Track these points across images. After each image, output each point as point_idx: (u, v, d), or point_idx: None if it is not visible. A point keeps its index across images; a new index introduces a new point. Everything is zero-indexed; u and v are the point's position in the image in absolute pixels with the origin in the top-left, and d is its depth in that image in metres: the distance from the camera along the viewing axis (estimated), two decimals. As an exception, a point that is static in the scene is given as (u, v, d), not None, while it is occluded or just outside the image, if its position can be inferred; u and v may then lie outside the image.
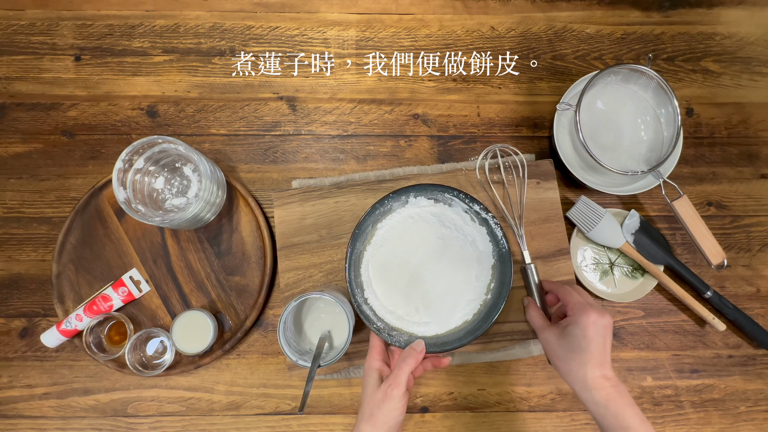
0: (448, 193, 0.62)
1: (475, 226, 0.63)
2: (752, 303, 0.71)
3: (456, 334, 0.61)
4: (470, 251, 0.63)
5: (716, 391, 0.70)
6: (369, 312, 0.60)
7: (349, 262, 0.60)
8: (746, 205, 0.73)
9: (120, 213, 0.69)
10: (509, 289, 0.60)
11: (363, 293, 0.61)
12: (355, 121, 0.74)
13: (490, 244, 0.63)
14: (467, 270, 0.63)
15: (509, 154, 0.69)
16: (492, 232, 0.62)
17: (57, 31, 0.74)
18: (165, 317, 0.68)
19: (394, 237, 0.63)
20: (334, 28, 0.75)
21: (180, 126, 0.73)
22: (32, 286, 0.70)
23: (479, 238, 0.63)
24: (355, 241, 0.61)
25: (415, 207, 0.63)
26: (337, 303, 0.58)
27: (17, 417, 0.68)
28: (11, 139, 0.72)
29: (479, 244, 0.63)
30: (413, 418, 0.68)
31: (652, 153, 0.68)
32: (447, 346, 0.59)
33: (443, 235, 0.63)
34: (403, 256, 0.63)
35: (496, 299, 0.61)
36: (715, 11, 0.76)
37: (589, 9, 0.76)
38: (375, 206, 0.61)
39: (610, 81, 0.69)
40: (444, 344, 0.59)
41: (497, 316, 0.59)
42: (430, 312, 0.61)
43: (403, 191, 0.61)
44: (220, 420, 0.68)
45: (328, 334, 0.62)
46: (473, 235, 0.63)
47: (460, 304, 0.62)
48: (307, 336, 0.63)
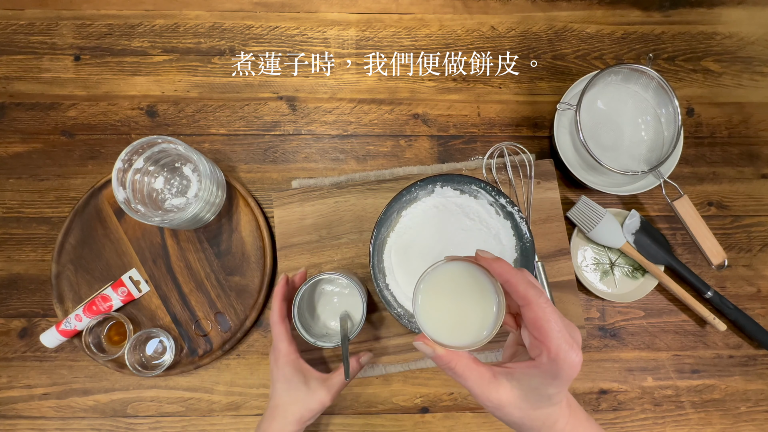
0: (475, 185, 0.63)
1: (499, 220, 0.64)
2: (753, 303, 0.71)
3: None
4: (493, 244, 0.64)
5: (717, 392, 0.69)
6: (390, 297, 0.62)
7: (373, 246, 0.61)
8: (747, 205, 0.73)
9: (119, 213, 0.69)
10: None
11: (384, 278, 0.63)
12: (355, 121, 0.73)
13: (513, 239, 0.63)
14: None
15: (515, 153, 0.69)
16: (517, 226, 0.63)
17: (56, 30, 0.74)
18: (164, 317, 0.68)
19: (418, 225, 0.64)
20: (334, 27, 0.75)
21: (180, 126, 0.73)
22: (31, 286, 0.70)
23: (503, 232, 0.63)
24: (380, 226, 0.62)
25: (440, 197, 0.64)
26: (351, 283, 0.58)
27: (17, 417, 0.68)
28: (10, 139, 0.72)
29: (503, 237, 0.63)
30: (413, 418, 0.68)
31: (653, 153, 0.68)
32: None
33: (467, 227, 0.64)
34: (426, 245, 0.64)
35: None
36: (715, 11, 0.76)
37: (589, 9, 0.76)
38: (402, 193, 0.62)
39: (610, 81, 0.68)
40: None
41: None
42: None
43: (430, 180, 0.62)
44: (219, 420, 0.68)
45: (347, 314, 0.61)
46: (497, 228, 0.63)
47: None
48: (321, 319, 0.62)
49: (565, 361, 0.35)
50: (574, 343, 0.36)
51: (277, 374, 0.56)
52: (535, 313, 0.35)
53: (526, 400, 0.37)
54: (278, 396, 0.56)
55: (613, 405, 0.69)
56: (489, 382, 0.37)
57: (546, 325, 0.35)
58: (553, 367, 0.35)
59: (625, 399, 0.69)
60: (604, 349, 0.70)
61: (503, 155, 0.70)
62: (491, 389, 0.37)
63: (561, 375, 0.36)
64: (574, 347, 0.36)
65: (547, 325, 0.35)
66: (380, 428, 0.68)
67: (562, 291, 0.67)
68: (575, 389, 0.69)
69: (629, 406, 0.69)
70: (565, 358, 0.35)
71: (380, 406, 0.68)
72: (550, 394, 0.37)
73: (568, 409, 0.40)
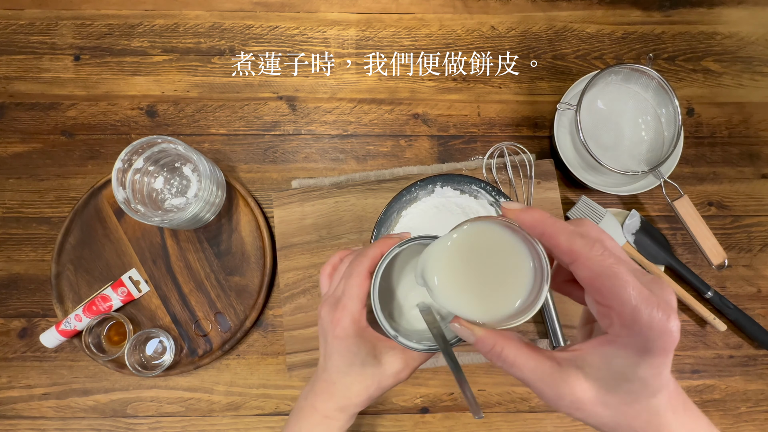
0: (475, 185, 0.62)
1: None
2: (753, 303, 0.71)
3: None
4: None
5: (717, 392, 0.69)
6: None
7: None
8: (747, 205, 0.73)
9: (119, 213, 0.69)
10: None
11: None
12: (355, 120, 0.73)
13: None
14: None
15: (516, 153, 0.69)
16: None
17: (56, 30, 0.74)
18: (164, 317, 0.68)
19: (418, 225, 0.64)
20: (334, 27, 0.75)
21: (179, 126, 0.73)
22: (31, 286, 0.70)
23: None
24: (380, 226, 0.61)
25: (440, 197, 0.64)
26: None
27: (16, 417, 0.68)
28: (10, 139, 0.72)
29: None
30: (413, 418, 0.68)
31: (653, 153, 0.68)
32: None
33: None
34: None
35: None
36: (715, 11, 0.76)
37: (589, 8, 0.76)
38: (402, 193, 0.61)
39: (610, 81, 0.68)
40: None
41: None
42: None
43: (430, 180, 0.62)
44: (219, 420, 0.68)
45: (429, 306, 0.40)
46: None
47: None
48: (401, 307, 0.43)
49: (650, 327, 0.25)
50: (660, 302, 0.25)
51: (336, 345, 0.39)
52: (590, 270, 0.26)
53: (610, 391, 0.27)
54: (336, 370, 0.41)
55: (613, 405, 0.69)
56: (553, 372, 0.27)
57: (607, 282, 0.25)
58: (635, 338, 0.25)
59: (625, 399, 0.69)
60: (604, 349, 0.70)
61: (503, 155, 0.70)
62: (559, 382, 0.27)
63: (651, 348, 0.25)
64: (662, 306, 0.25)
65: (608, 281, 0.25)
66: (380, 428, 0.68)
67: (562, 291, 0.67)
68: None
69: (629, 406, 0.69)
70: (649, 322, 0.25)
71: (380, 406, 0.68)
72: (644, 378, 0.26)
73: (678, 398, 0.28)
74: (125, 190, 0.61)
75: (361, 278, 0.39)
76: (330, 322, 0.39)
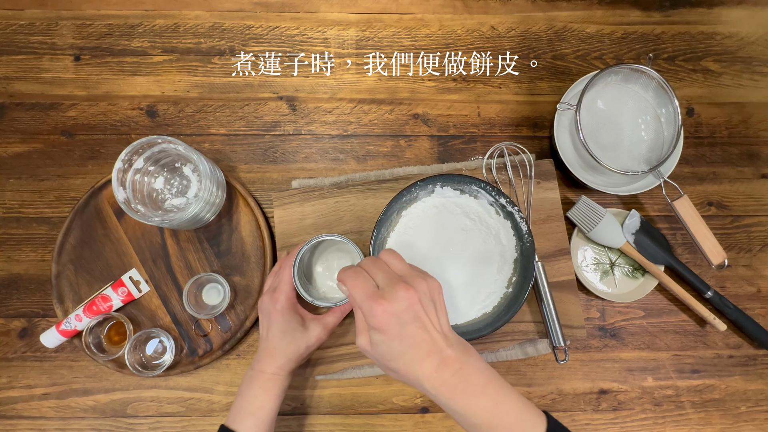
0: (475, 185, 0.63)
1: (499, 220, 0.64)
2: (753, 303, 0.71)
3: (475, 325, 0.62)
4: (493, 244, 0.64)
5: (717, 392, 0.69)
6: None
7: (373, 246, 0.61)
8: (747, 205, 0.73)
9: (119, 213, 0.69)
10: (531, 283, 0.61)
11: None
12: (355, 121, 0.73)
13: (513, 238, 0.64)
14: (489, 263, 0.64)
15: (515, 153, 0.69)
16: (517, 226, 0.63)
17: (56, 30, 0.74)
18: (164, 317, 0.68)
19: (418, 226, 0.64)
20: (334, 27, 0.75)
21: (179, 126, 0.73)
22: (31, 286, 0.70)
23: (503, 232, 0.64)
24: (380, 226, 0.62)
25: (440, 197, 0.64)
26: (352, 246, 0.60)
27: (16, 417, 0.68)
28: (10, 139, 0.72)
29: (503, 237, 0.64)
30: (413, 418, 0.68)
31: (653, 153, 0.68)
32: (466, 337, 0.59)
33: (467, 227, 0.64)
34: (426, 245, 0.64)
35: (517, 292, 0.62)
36: (715, 11, 0.76)
37: (589, 9, 0.76)
38: (402, 193, 0.62)
39: (610, 81, 0.68)
40: (463, 334, 0.60)
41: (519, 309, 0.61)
42: (450, 302, 0.62)
43: (430, 180, 0.62)
44: (219, 420, 0.68)
45: None
46: (497, 228, 0.64)
47: (480, 297, 0.63)
48: (317, 283, 0.65)
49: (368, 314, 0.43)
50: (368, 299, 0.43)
51: (275, 317, 0.58)
52: None
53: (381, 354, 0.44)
54: (274, 337, 0.58)
55: (613, 405, 0.69)
56: None
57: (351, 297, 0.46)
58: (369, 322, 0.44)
59: (625, 399, 0.69)
60: (604, 349, 0.70)
61: (503, 155, 0.70)
62: None
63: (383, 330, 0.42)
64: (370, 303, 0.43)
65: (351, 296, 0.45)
66: (380, 428, 0.68)
67: (562, 291, 0.67)
68: (575, 389, 0.69)
69: (629, 406, 0.69)
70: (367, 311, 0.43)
71: (380, 406, 0.68)
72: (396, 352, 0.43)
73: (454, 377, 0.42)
74: (125, 190, 0.61)
75: (290, 270, 0.59)
76: (270, 301, 0.59)
